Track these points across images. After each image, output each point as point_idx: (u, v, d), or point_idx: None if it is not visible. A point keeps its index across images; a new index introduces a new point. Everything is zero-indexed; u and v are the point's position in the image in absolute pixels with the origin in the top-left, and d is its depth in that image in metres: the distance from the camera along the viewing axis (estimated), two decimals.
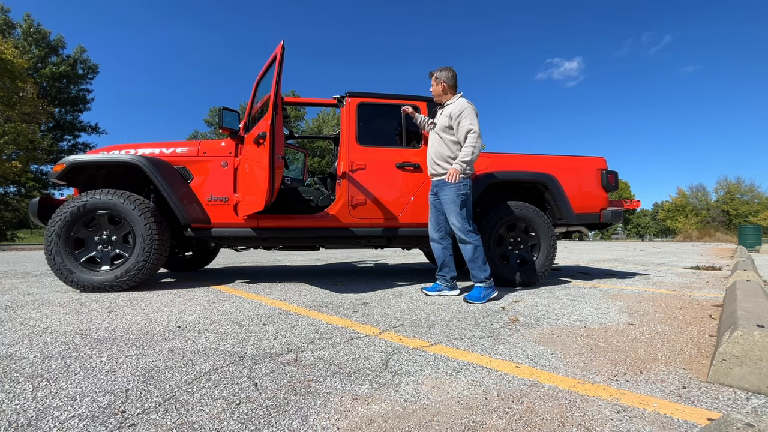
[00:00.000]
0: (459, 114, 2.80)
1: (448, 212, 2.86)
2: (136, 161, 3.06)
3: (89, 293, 2.94)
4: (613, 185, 3.81)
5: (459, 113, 2.80)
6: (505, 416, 1.05)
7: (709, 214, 44.71)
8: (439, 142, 2.93)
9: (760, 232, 14.91)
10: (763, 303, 1.88)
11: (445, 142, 2.90)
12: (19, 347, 1.60)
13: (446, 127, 2.89)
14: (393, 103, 3.57)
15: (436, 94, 3.01)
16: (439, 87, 2.97)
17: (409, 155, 3.47)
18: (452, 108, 2.86)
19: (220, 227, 3.30)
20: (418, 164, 3.45)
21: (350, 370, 1.38)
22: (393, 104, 3.57)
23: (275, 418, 1.03)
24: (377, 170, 3.41)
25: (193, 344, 1.66)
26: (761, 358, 1.21)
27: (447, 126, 2.88)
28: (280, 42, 2.80)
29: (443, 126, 2.90)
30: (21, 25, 25.95)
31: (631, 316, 2.29)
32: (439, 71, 2.98)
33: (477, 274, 2.80)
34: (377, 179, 3.41)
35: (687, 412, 1.08)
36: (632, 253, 9.61)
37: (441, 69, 2.99)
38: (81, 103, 29.61)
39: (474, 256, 2.81)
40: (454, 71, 2.98)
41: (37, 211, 3.16)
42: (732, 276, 3.62)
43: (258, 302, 2.65)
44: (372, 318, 2.19)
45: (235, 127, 3.28)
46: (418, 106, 3.57)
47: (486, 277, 2.78)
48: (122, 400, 1.11)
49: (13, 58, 17.41)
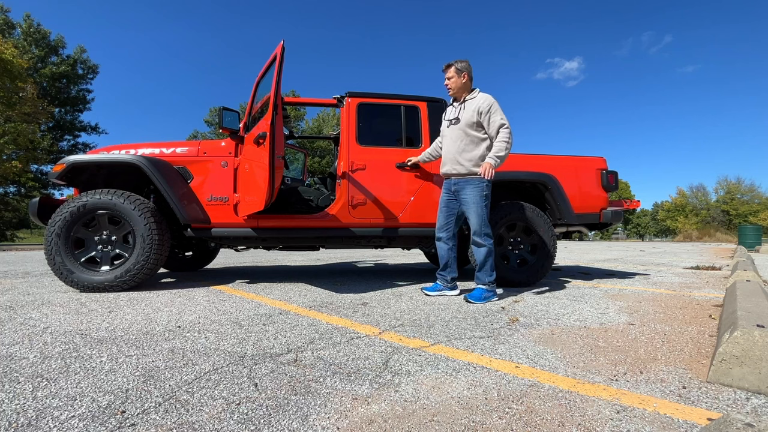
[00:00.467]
0: (488, 109, 2.70)
1: (469, 212, 2.79)
2: (136, 161, 3.06)
3: (89, 293, 2.94)
4: (613, 185, 3.82)
5: (488, 108, 2.70)
6: (505, 416, 1.05)
7: (709, 214, 44.73)
8: (463, 139, 2.78)
9: (760, 232, 14.92)
10: (763, 303, 1.88)
11: (473, 140, 2.77)
12: (19, 347, 1.60)
13: (474, 123, 2.75)
14: (393, 103, 3.58)
15: (457, 87, 2.83)
16: (463, 78, 2.81)
17: (410, 155, 3.47)
18: (479, 103, 2.74)
19: (220, 227, 3.30)
20: (418, 164, 3.45)
21: (350, 370, 1.38)
22: (393, 104, 3.58)
23: (275, 418, 1.03)
24: (377, 170, 3.41)
25: (193, 344, 1.66)
26: (761, 358, 1.21)
27: (475, 122, 2.75)
28: (280, 42, 2.80)
29: (470, 122, 2.75)
30: (21, 25, 25.95)
31: (631, 316, 2.29)
32: (459, 62, 2.80)
33: (482, 278, 2.78)
34: (377, 179, 3.41)
35: (687, 412, 1.08)
36: (632, 253, 9.62)
37: (459, 60, 2.82)
38: (81, 103, 29.60)
39: (485, 260, 2.78)
40: (470, 65, 2.85)
41: (37, 211, 3.16)
42: (732, 276, 3.62)
43: (258, 302, 2.65)
44: (372, 318, 2.19)
45: (235, 127, 3.28)
46: (418, 106, 3.57)
47: (490, 281, 2.77)
48: (122, 400, 1.11)
49: (13, 58, 17.40)
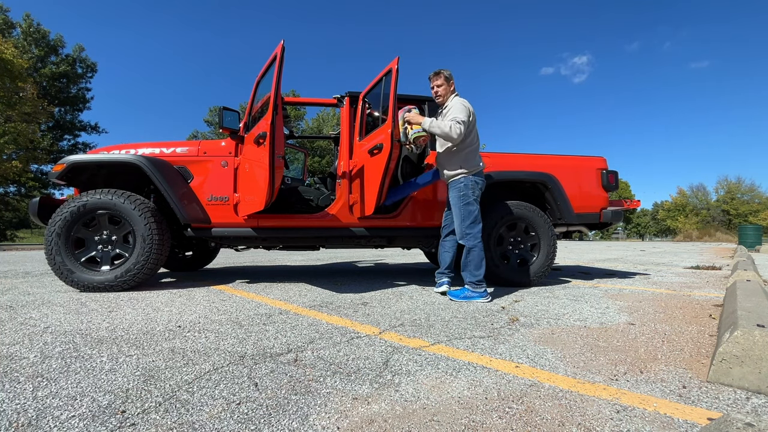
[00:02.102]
0: (451, 109, 2.81)
1: (453, 213, 2.89)
2: (137, 161, 3.06)
3: (89, 293, 2.94)
4: (614, 185, 3.81)
5: (451, 108, 2.82)
6: (505, 416, 1.05)
7: (709, 214, 44.72)
8: (444, 144, 2.90)
9: (760, 231, 14.91)
10: (763, 303, 1.88)
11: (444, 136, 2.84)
12: (19, 347, 1.60)
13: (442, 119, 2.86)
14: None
15: (444, 94, 2.94)
16: (450, 86, 2.94)
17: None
18: (450, 107, 2.85)
19: (221, 227, 3.30)
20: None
21: (350, 369, 1.38)
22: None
23: (275, 417, 1.03)
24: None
25: (193, 344, 1.66)
26: (761, 358, 1.21)
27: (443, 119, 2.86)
28: (280, 42, 2.80)
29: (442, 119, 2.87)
30: (21, 25, 25.92)
31: (631, 315, 2.29)
32: (445, 71, 2.95)
33: (464, 276, 2.81)
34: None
35: (687, 411, 1.08)
36: (632, 253, 9.62)
37: (443, 69, 2.96)
38: (81, 102, 29.59)
39: (466, 260, 2.80)
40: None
41: (37, 210, 3.16)
42: (732, 276, 3.62)
43: (258, 302, 2.65)
44: (372, 318, 2.19)
45: (235, 127, 3.28)
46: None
47: (471, 281, 2.75)
48: (122, 400, 1.11)
49: (13, 58, 17.39)
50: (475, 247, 2.78)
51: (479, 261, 2.76)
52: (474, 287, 2.74)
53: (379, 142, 2.84)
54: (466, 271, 2.79)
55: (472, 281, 2.75)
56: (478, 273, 2.75)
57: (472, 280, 2.75)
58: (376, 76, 3.18)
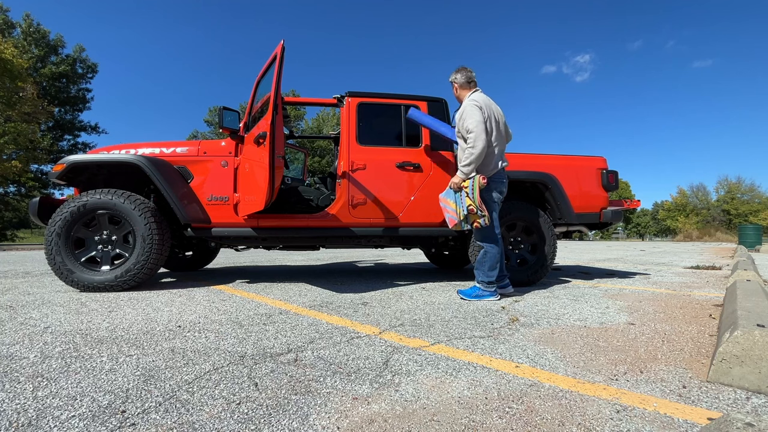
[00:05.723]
0: (461, 115, 2.77)
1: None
2: (137, 161, 3.06)
3: (89, 293, 2.94)
4: (614, 185, 3.82)
5: (461, 114, 2.78)
6: (505, 416, 1.05)
7: (709, 214, 44.71)
8: (461, 146, 2.86)
9: (760, 231, 14.90)
10: (763, 303, 1.88)
11: (463, 148, 2.82)
12: (19, 347, 1.60)
13: (459, 131, 2.83)
14: (393, 103, 3.58)
15: (460, 97, 2.95)
16: (456, 90, 2.96)
17: (410, 155, 3.47)
18: (461, 112, 2.81)
19: (221, 227, 3.30)
20: (418, 164, 3.45)
21: (350, 369, 1.38)
22: (393, 104, 3.58)
23: (275, 417, 1.03)
24: (377, 170, 3.41)
25: (193, 344, 1.66)
26: (761, 358, 1.21)
27: (458, 130, 2.84)
28: (281, 42, 2.80)
29: (458, 131, 2.84)
30: (20, 25, 25.91)
31: (632, 315, 2.29)
32: (451, 75, 2.97)
33: (477, 275, 2.83)
34: (377, 179, 3.41)
35: (687, 411, 1.08)
36: (632, 253, 9.61)
37: (451, 74, 2.97)
38: (81, 102, 29.56)
39: (481, 260, 2.81)
40: (465, 69, 2.94)
41: (37, 210, 3.16)
42: (732, 275, 3.62)
43: (258, 302, 2.65)
44: (372, 318, 2.19)
45: (235, 127, 3.28)
46: (418, 105, 3.57)
47: (483, 281, 2.77)
48: (122, 400, 1.11)
49: (13, 58, 17.38)
50: (492, 250, 2.79)
51: (494, 262, 2.79)
52: (485, 287, 2.77)
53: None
54: (480, 270, 2.81)
55: (484, 281, 2.77)
56: (492, 274, 2.78)
57: (484, 279, 2.78)
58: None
